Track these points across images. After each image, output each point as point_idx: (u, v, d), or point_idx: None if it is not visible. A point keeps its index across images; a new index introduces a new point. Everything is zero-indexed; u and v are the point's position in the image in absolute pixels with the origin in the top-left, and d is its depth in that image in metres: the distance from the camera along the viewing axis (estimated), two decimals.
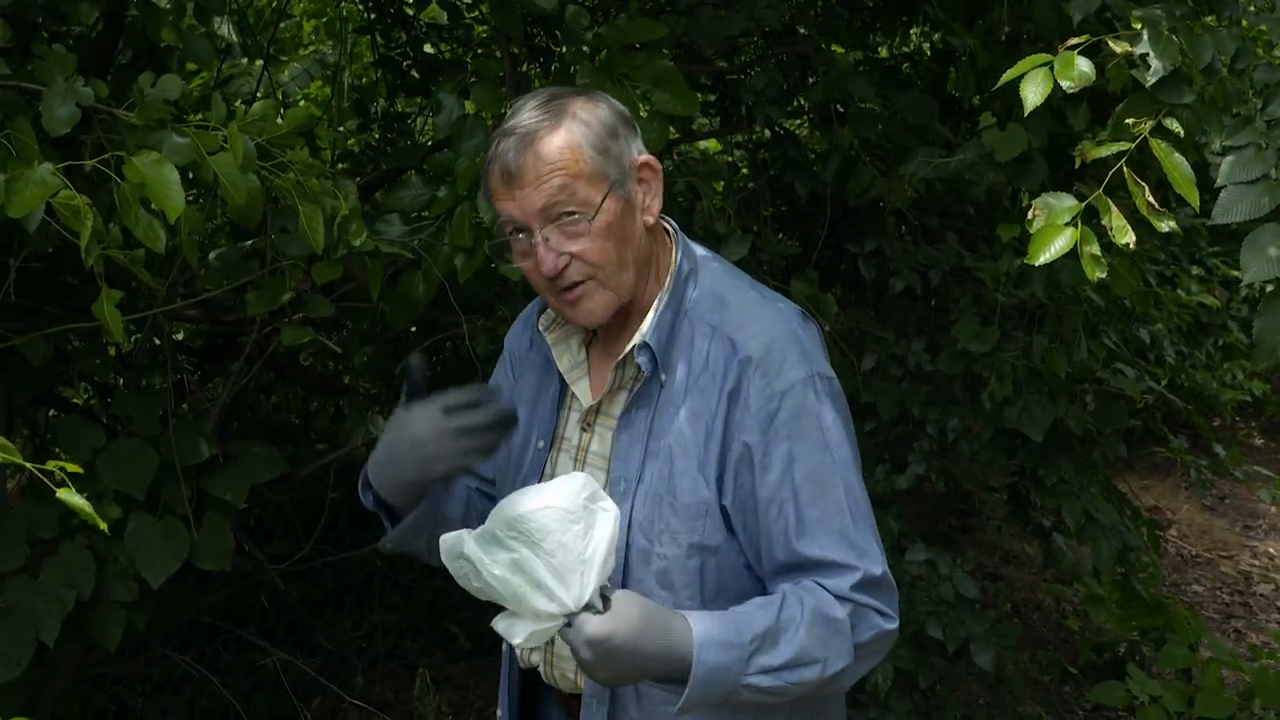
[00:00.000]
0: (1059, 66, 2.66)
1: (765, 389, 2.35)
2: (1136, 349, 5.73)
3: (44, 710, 3.94)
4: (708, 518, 2.40)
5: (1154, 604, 5.79)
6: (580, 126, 2.37)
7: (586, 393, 2.56)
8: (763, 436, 2.35)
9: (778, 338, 2.39)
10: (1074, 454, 4.95)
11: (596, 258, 2.36)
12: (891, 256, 4.93)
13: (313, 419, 6.53)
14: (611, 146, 2.39)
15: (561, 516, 2.18)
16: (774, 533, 2.38)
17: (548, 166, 2.33)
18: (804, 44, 4.87)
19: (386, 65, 5.34)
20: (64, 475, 1.84)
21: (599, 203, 2.35)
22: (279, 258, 3.45)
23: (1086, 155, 2.67)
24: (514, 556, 2.17)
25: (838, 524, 2.36)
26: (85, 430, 3.62)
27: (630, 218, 2.42)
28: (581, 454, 2.56)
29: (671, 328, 2.46)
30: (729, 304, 2.47)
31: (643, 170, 2.45)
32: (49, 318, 3.50)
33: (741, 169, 5.90)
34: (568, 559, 2.17)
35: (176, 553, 3.53)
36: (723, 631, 2.26)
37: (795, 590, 2.35)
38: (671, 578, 2.42)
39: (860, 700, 4.61)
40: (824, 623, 2.32)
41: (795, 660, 2.30)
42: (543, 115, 2.38)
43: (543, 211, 2.33)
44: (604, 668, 2.22)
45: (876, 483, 4.78)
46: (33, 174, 2.64)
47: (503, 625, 2.25)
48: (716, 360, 2.40)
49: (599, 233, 2.36)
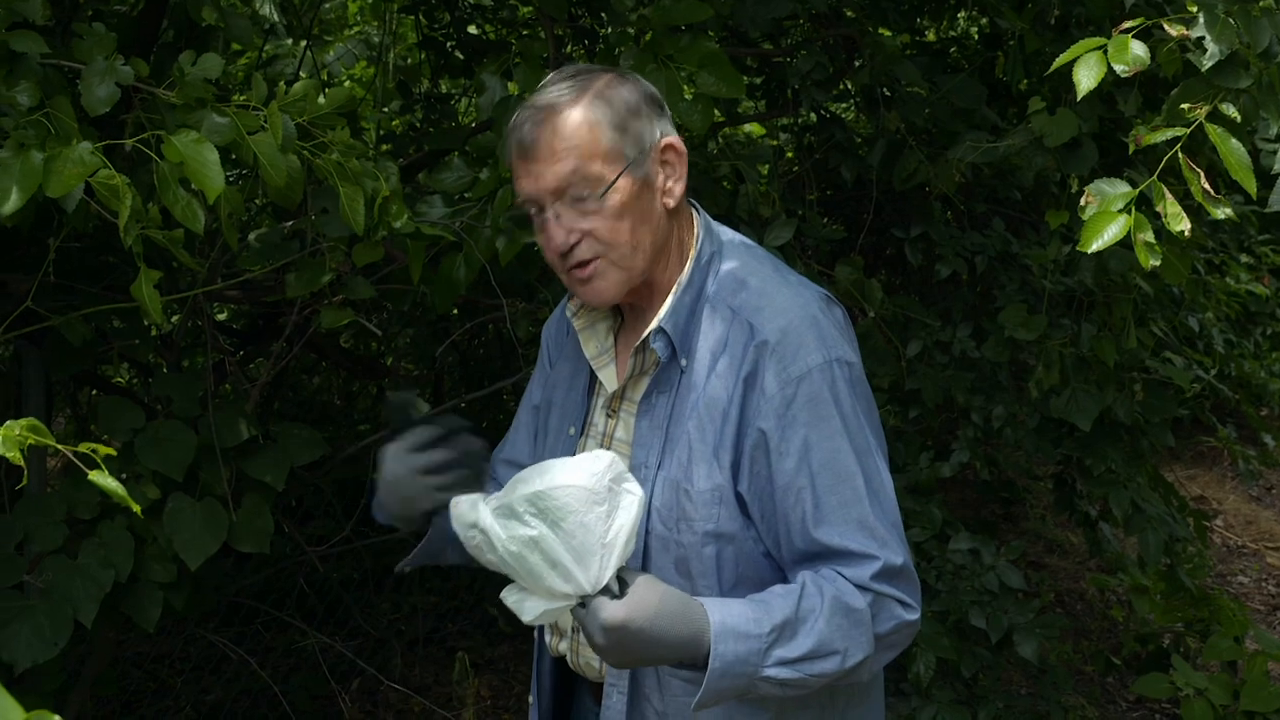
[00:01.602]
0: (1113, 50, 2.60)
1: (781, 374, 2.33)
2: (1185, 338, 5.68)
3: (82, 689, 3.94)
4: (722, 505, 2.37)
5: (1199, 595, 5.73)
6: (600, 103, 2.36)
7: (612, 378, 2.55)
8: (779, 423, 2.32)
9: (795, 322, 2.36)
10: (1121, 443, 4.91)
11: (608, 236, 2.35)
12: (938, 242, 4.89)
13: (355, 401, 6.53)
14: (631, 125, 2.38)
15: (585, 496, 2.14)
16: (791, 521, 2.35)
17: (562, 144, 2.32)
18: (851, 27, 4.82)
19: (430, 46, 5.32)
20: (98, 458, 1.82)
21: (612, 180, 2.33)
22: (319, 239, 3.43)
23: (1140, 140, 2.62)
24: (532, 534, 2.14)
25: (856, 512, 2.33)
26: (125, 410, 3.61)
27: (648, 198, 2.40)
28: (607, 440, 2.55)
29: (691, 312, 2.44)
30: (750, 287, 2.44)
31: (665, 152, 2.43)
32: (88, 298, 3.49)
33: (787, 153, 5.86)
34: (588, 540, 2.14)
35: (215, 535, 3.52)
36: (741, 621, 2.24)
37: (815, 579, 2.32)
38: (689, 565, 2.39)
39: (903, 690, 4.58)
40: (844, 613, 2.29)
41: (814, 652, 2.27)
42: (564, 90, 2.37)
43: (555, 189, 2.33)
44: (617, 652, 2.21)
45: (920, 470, 4.75)
46: (72, 153, 2.63)
47: (513, 599, 2.22)
48: (735, 345, 2.38)
49: (611, 211, 2.34)
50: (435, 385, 6.00)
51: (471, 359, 6.21)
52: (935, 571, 4.54)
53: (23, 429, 1.77)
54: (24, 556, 3.43)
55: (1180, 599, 5.77)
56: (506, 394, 6.04)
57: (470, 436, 2.46)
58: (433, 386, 5.98)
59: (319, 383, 6.44)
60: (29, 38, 2.82)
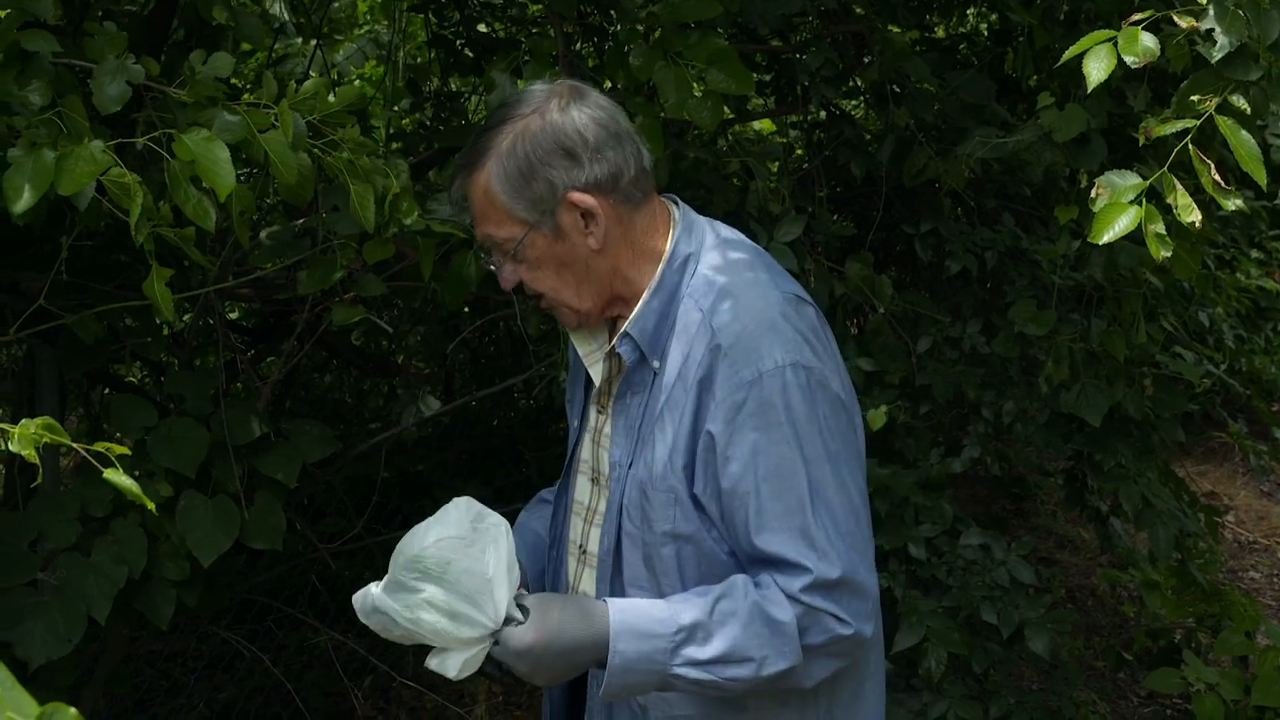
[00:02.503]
0: (1123, 42, 2.61)
1: (733, 378, 2.33)
2: (1195, 333, 5.67)
3: (96, 686, 3.95)
4: (677, 506, 2.40)
5: (1211, 591, 5.73)
6: (497, 168, 2.40)
7: (598, 375, 2.59)
8: (727, 427, 2.33)
9: (752, 325, 2.36)
10: (1131, 438, 4.90)
11: (536, 286, 2.47)
12: (947, 238, 4.89)
13: (366, 399, 6.55)
14: (526, 187, 2.39)
15: (455, 545, 2.24)
16: (737, 525, 2.37)
17: (475, 206, 2.45)
18: (860, 24, 4.82)
19: (439, 44, 5.33)
20: (112, 456, 1.83)
21: (519, 239, 2.41)
22: (330, 237, 3.44)
23: (1150, 133, 2.62)
24: (423, 595, 2.23)
25: (797, 521, 2.33)
26: (137, 408, 3.62)
27: (565, 246, 2.43)
28: (597, 435, 2.61)
29: (662, 315, 2.46)
30: (718, 288, 2.45)
31: (570, 211, 2.42)
32: (100, 296, 3.51)
33: (797, 150, 5.86)
34: (474, 583, 2.23)
35: (227, 532, 3.53)
36: (644, 621, 2.30)
37: (745, 583, 2.36)
38: (654, 563, 2.44)
39: (914, 686, 4.58)
40: (764, 621, 2.32)
41: (727, 656, 2.32)
42: (471, 152, 2.45)
43: (484, 239, 2.47)
44: (541, 672, 2.29)
45: (930, 466, 4.74)
46: (83, 151, 2.64)
47: (435, 662, 2.31)
48: (697, 348, 2.40)
49: (531, 264, 2.44)
50: (446, 383, 6.01)
51: (483, 356, 6.23)
52: (946, 567, 4.54)
53: (38, 427, 1.79)
54: (38, 554, 3.43)
55: (1191, 594, 5.77)
56: (517, 391, 6.06)
57: None
58: (444, 384, 5.99)
59: (331, 381, 6.45)
60: (41, 37, 2.83)
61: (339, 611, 5.31)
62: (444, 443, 5.94)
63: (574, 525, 2.66)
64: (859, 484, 2.45)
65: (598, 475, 2.60)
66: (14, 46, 2.83)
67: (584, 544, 2.61)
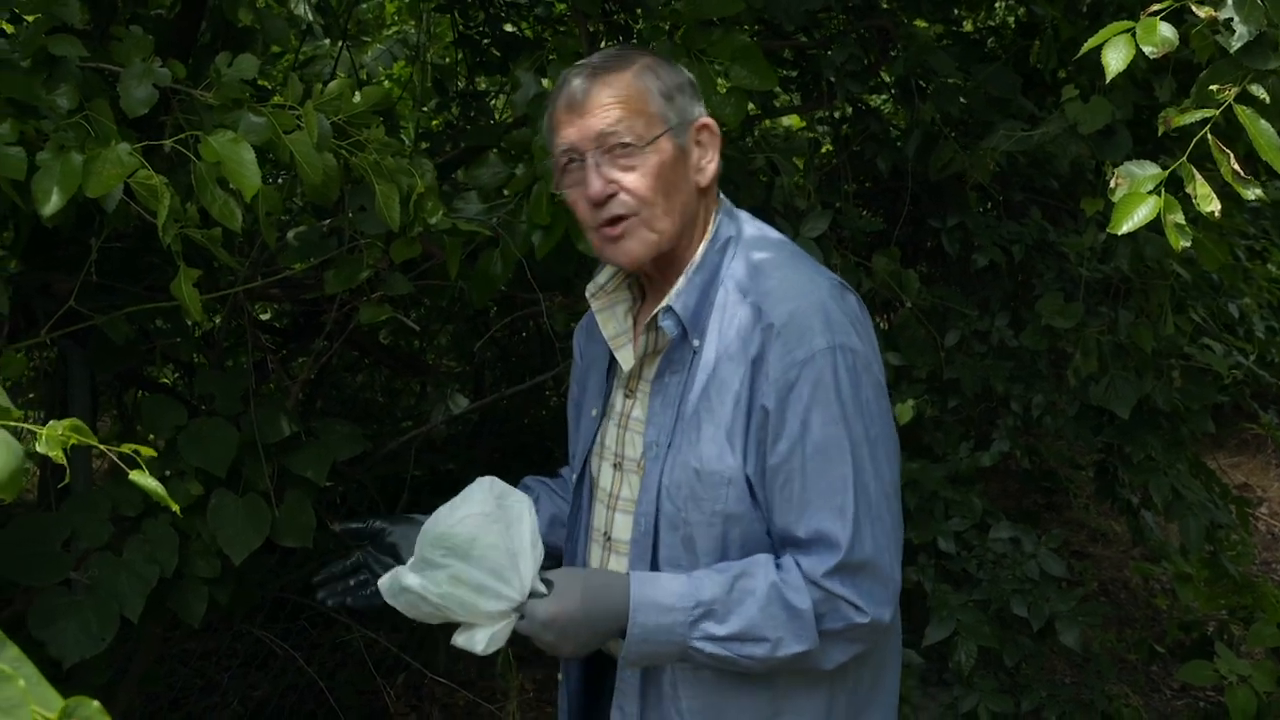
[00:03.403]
0: (1141, 32, 2.60)
1: (785, 357, 2.35)
2: (1225, 324, 5.65)
3: (129, 685, 3.98)
4: (731, 486, 2.41)
5: (1243, 582, 5.71)
6: (649, 72, 2.47)
7: (628, 358, 2.60)
8: (779, 404, 2.36)
9: (803, 306, 2.39)
10: (1161, 430, 4.90)
11: (643, 192, 2.42)
12: (974, 231, 4.89)
13: (398, 397, 6.57)
14: (675, 96, 2.48)
15: (480, 521, 2.28)
16: (776, 502, 2.39)
17: (611, 97, 2.42)
18: (884, 18, 4.82)
19: (465, 44, 5.35)
20: (138, 457, 1.85)
21: (655, 136, 2.42)
22: (357, 236, 3.46)
23: (1170, 123, 2.62)
24: (451, 571, 2.26)
25: (837, 500, 2.36)
26: (168, 408, 3.65)
27: (683, 168, 2.48)
28: (625, 420, 2.62)
29: (703, 293, 2.49)
30: (763, 272, 2.48)
31: (701, 132, 2.53)
32: (130, 297, 3.53)
33: (824, 145, 5.86)
34: (499, 557, 2.27)
35: (258, 530, 3.55)
36: (663, 595, 2.34)
37: (766, 563, 2.38)
38: (695, 543, 2.44)
39: (945, 680, 4.58)
40: (782, 605, 2.35)
41: (742, 634, 2.35)
42: (614, 57, 2.49)
43: (599, 136, 2.41)
44: (566, 642, 2.32)
45: (960, 460, 4.74)
46: (110, 154, 2.67)
47: (463, 639, 2.33)
48: (745, 327, 2.42)
49: (650, 168, 2.42)
50: (476, 381, 6.03)
51: (513, 354, 6.24)
52: (976, 560, 4.54)
53: (65, 429, 1.80)
54: (71, 553, 3.46)
55: (1224, 586, 5.75)
56: (548, 388, 6.07)
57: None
58: (473, 382, 6.01)
59: (363, 380, 6.48)
60: (68, 41, 2.87)
61: None
62: (474, 440, 5.96)
63: (597, 513, 2.66)
64: (894, 471, 2.48)
65: (621, 460, 2.60)
66: (42, 51, 2.86)
67: (609, 530, 2.61)
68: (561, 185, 2.50)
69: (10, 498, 1.59)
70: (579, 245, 3.61)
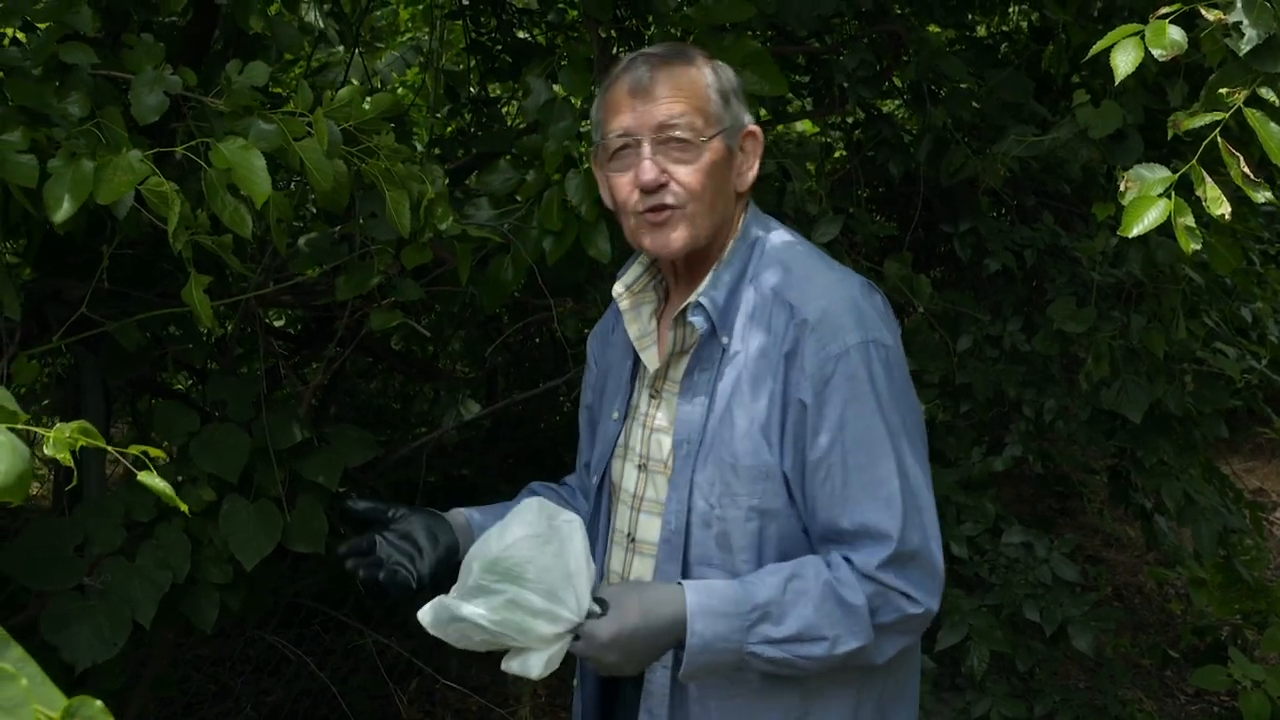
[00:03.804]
0: (1150, 35, 2.60)
1: (820, 351, 2.38)
2: (1238, 328, 5.64)
3: (142, 690, 3.99)
4: (768, 481, 2.42)
5: (1257, 587, 5.71)
6: (710, 70, 2.52)
7: (654, 359, 2.61)
8: (816, 399, 2.38)
9: (835, 302, 2.42)
10: (1173, 435, 4.89)
11: (693, 186, 2.45)
12: (987, 236, 4.89)
13: (411, 403, 6.58)
14: (731, 100, 2.53)
15: (533, 543, 2.23)
16: (818, 497, 2.41)
17: (675, 90, 2.46)
18: (897, 23, 4.82)
19: (477, 50, 5.36)
20: (146, 459, 1.86)
21: (713, 137, 2.46)
22: (368, 242, 3.47)
23: (1179, 126, 2.62)
24: (505, 597, 2.22)
25: (883, 491, 2.38)
26: (180, 414, 3.66)
27: (727, 171, 2.52)
28: (650, 421, 2.62)
29: (731, 291, 2.51)
30: (792, 271, 2.51)
31: (748, 138, 2.56)
32: (142, 303, 3.55)
33: (836, 150, 5.87)
34: (555, 579, 2.23)
35: (270, 535, 3.56)
36: (719, 602, 2.32)
37: (816, 563, 2.39)
38: (730, 540, 2.45)
39: (958, 684, 4.57)
40: (837, 602, 2.35)
41: (801, 634, 2.34)
42: (678, 51, 2.53)
43: (659, 126, 2.44)
44: (629, 661, 2.30)
45: (973, 465, 4.74)
46: (121, 161, 2.68)
47: (516, 664, 2.29)
48: (776, 324, 2.44)
49: (702, 165, 2.45)
50: (488, 386, 6.04)
51: (525, 359, 6.25)
52: (989, 565, 4.54)
53: (73, 431, 1.81)
54: (84, 558, 3.47)
55: (1238, 591, 5.74)
56: (560, 394, 6.07)
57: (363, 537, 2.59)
58: (486, 387, 6.01)
59: (376, 386, 6.49)
60: (79, 49, 2.88)
61: (384, 615, 5.34)
62: (487, 446, 5.96)
63: (620, 515, 2.66)
64: (926, 463, 2.50)
65: (646, 462, 2.60)
66: (53, 59, 2.88)
67: (633, 532, 2.61)
68: (606, 166, 2.53)
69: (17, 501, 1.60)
70: (590, 251, 3.62)
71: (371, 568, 2.52)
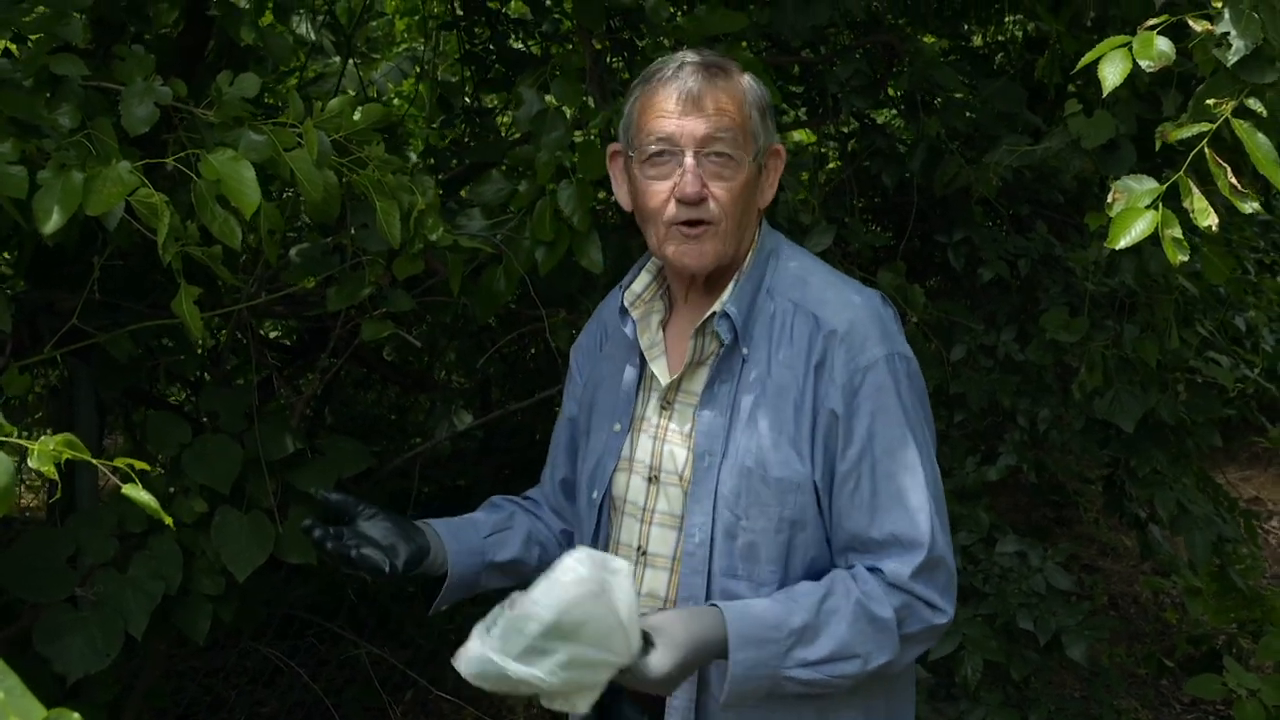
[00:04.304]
0: (1138, 46, 2.61)
1: (850, 363, 2.41)
2: (1233, 337, 5.64)
3: (135, 700, 3.99)
4: (799, 492, 2.43)
5: (1252, 596, 5.71)
6: (751, 86, 2.52)
7: (664, 371, 2.60)
8: (847, 409, 2.40)
9: (861, 314, 2.45)
10: (1167, 444, 4.90)
11: (728, 204, 2.45)
12: (981, 246, 4.89)
13: (408, 414, 6.58)
14: (766, 117, 2.54)
15: (589, 601, 2.15)
16: (845, 507, 2.42)
17: (725, 104, 2.45)
18: (890, 34, 4.83)
19: (471, 61, 5.36)
20: (131, 472, 1.86)
21: (750, 156, 2.47)
22: (360, 253, 3.47)
23: (1167, 136, 2.63)
24: (561, 657, 2.13)
25: (913, 500, 2.40)
26: (173, 426, 3.66)
27: (754, 188, 2.53)
28: (662, 433, 2.60)
29: (752, 302, 2.51)
30: (810, 283, 2.53)
31: (772, 156, 2.57)
32: (134, 315, 3.55)
33: (831, 161, 5.87)
34: (608, 629, 2.16)
35: (262, 546, 3.56)
36: (757, 627, 2.31)
37: (845, 579, 2.39)
38: (758, 551, 2.45)
39: (953, 694, 4.57)
40: (868, 619, 2.35)
41: (835, 654, 2.34)
42: (720, 60, 2.53)
43: (704, 139, 2.43)
44: (670, 687, 2.28)
45: (967, 474, 4.75)
46: (110, 172, 2.68)
47: (561, 702, 2.20)
48: (800, 335, 2.46)
49: (738, 183, 2.46)
50: (483, 397, 6.04)
51: (520, 370, 6.25)
52: (982, 574, 4.54)
53: (58, 444, 1.82)
54: (76, 570, 3.47)
55: (1233, 599, 5.74)
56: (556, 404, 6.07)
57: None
58: (480, 398, 6.01)
59: (373, 397, 6.49)
60: (70, 61, 2.88)
61: (379, 625, 5.34)
62: (481, 457, 5.96)
63: (627, 528, 2.63)
64: (939, 471, 2.53)
65: (658, 474, 2.58)
66: (44, 70, 2.88)
67: (644, 545, 2.59)
68: (639, 169, 2.51)
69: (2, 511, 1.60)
70: (582, 261, 3.62)
71: (341, 542, 2.47)
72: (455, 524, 2.72)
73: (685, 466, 2.53)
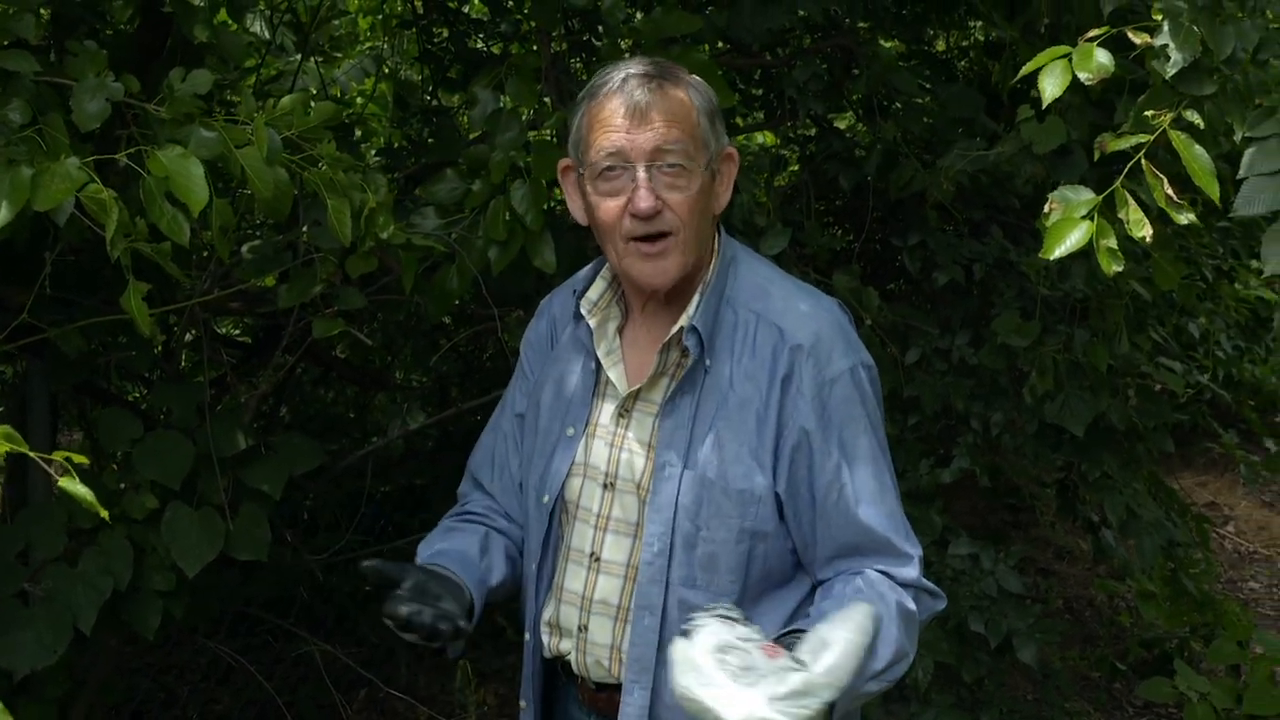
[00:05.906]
0: (1077, 58, 2.65)
1: (817, 376, 2.43)
2: (1186, 343, 5.68)
3: (87, 697, 3.98)
4: (760, 504, 2.45)
5: (1204, 600, 5.75)
6: (697, 92, 2.50)
7: (623, 379, 2.59)
8: (819, 423, 2.42)
9: (825, 326, 2.48)
10: (1118, 449, 4.93)
11: (684, 214, 2.44)
12: (936, 250, 4.91)
13: (366, 413, 6.57)
14: (715, 122, 2.52)
15: (749, 696, 2.07)
16: (833, 515, 2.44)
17: (671, 115, 2.43)
18: (848, 37, 4.85)
19: (430, 60, 5.36)
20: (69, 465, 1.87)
21: (703, 164, 2.46)
22: (313, 250, 3.47)
23: (1105, 147, 2.66)
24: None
25: (888, 505, 2.47)
26: (124, 422, 3.66)
27: (709, 194, 2.51)
28: (619, 440, 2.58)
29: (716, 314, 2.51)
30: (772, 294, 2.54)
31: (726, 160, 2.56)
32: (86, 310, 3.54)
33: (790, 163, 5.89)
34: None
35: (212, 543, 3.56)
36: None
37: (872, 586, 2.40)
38: (717, 561, 2.46)
39: (903, 695, 4.59)
40: (905, 617, 2.40)
41: (893, 659, 2.37)
42: (666, 69, 2.50)
43: (654, 152, 2.42)
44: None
45: (921, 476, 4.77)
46: (59, 168, 2.68)
47: None
48: (764, 347, 2.46)
49: (693, 192, 2.44)
50: (440, 395, 6.04)
51: (477, 369, 6.24)
52: (934, 577, 4.53)
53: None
54: (27, 565, 3.47)
55: (1185, 604, 5.79)
56: None
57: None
58: (437, 396, 6.01)
59: (331, 395, 6.47)
60: (21, 57, 2.88)
61: (336, 624, 5.34)
62: (436, 455, 5.95)
63: (579, 533, 2.61)
64: None
65: (612, 481, 2.57)
66: None
67: (597, 551, 2.58)
68: (591, 186, 2.49)
69: None
70: (535, 261, 3.63)
71: (422, 615, 2.36)
72: (461, 562, 2.62)
73: (644, 475, 2.52)
